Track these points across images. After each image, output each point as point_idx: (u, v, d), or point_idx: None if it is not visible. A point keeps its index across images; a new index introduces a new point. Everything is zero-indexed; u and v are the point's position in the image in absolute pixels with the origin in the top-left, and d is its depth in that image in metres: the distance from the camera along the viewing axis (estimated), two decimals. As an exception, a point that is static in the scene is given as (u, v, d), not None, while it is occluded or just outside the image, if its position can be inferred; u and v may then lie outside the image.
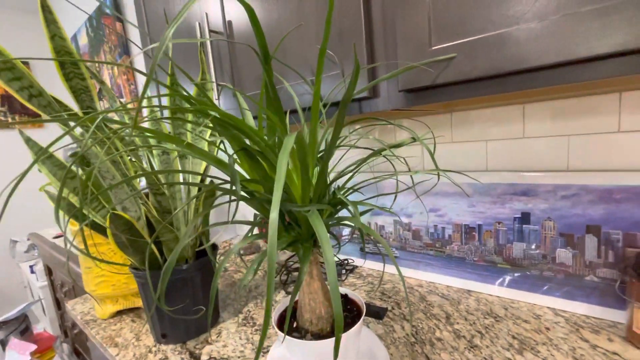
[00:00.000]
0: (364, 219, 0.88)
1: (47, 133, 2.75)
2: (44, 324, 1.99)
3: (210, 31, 0.67)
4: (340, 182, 0.92)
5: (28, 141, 0.54)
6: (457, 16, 0.40)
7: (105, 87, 0.58)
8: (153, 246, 0.60)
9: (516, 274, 0.65)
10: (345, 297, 0.51)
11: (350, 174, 0.41)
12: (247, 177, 0.40)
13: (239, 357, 0.57)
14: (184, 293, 0.61)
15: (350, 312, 0.48)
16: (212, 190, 0.69)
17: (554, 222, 0.60)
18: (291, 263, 0.93)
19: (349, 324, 0.44)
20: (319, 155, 0.41)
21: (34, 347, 1.37)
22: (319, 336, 0.43)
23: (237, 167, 0.43)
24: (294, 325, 0.47)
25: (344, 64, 0.53)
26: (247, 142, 0.36)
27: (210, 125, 0.36)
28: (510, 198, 0.64)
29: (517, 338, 0.55)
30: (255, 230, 1.13)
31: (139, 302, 0.77)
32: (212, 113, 0.31)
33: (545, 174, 0.61)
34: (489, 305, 0.65)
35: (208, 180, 0.75)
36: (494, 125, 0.69)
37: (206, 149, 0.62)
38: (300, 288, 0.44)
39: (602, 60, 0.34)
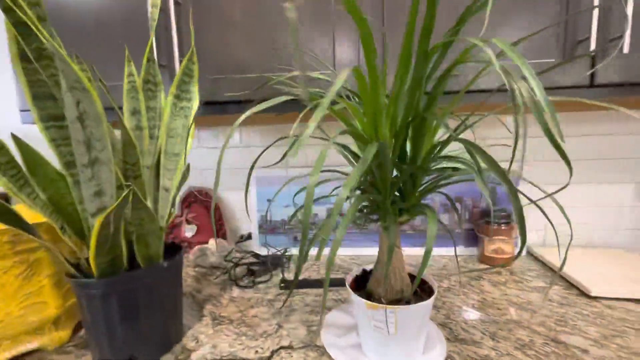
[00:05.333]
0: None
1: None
2: None
3: (175, 3, 0.61)
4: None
5: None
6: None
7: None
8: (123, 242, 0.47)
9: (414, 233, 0.93)
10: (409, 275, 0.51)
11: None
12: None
13: (243, 349, 0.53)
14: (149, 303, 0.50)
15: (422, 290, 0.49)
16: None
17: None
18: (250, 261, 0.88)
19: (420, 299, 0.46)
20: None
21: None
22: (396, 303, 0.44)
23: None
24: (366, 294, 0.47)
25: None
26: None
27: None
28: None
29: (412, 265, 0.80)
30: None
31: (39, 341, 0.54)
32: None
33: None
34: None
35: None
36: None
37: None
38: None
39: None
